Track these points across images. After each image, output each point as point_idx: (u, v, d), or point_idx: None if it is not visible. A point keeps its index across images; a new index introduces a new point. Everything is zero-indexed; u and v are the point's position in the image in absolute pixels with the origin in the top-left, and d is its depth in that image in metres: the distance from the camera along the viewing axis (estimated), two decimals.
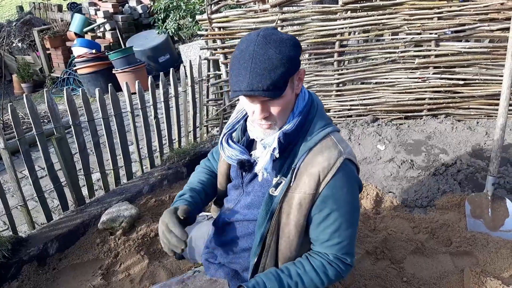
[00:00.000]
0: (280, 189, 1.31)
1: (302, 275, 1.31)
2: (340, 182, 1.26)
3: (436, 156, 2.86)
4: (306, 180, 1.26)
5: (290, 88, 1.23)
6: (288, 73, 1.17)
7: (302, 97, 1.33)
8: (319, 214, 1.29)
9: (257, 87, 1.14)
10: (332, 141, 1.29)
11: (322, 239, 1.32)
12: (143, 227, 2.46)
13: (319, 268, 1.32)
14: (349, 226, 1.30)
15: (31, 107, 2.31)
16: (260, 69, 1.14)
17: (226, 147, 1.43)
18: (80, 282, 2.17)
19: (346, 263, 1.34)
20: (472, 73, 3.06)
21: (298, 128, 1.30)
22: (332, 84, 3.37)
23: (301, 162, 1.28)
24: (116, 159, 2.88)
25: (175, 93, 3.17)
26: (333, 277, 1.33)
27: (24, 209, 2.44)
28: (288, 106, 1.26)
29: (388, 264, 2.17)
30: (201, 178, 1.63)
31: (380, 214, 2.61)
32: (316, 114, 1.34)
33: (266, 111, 1.23)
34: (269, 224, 1.33)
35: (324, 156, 1.26)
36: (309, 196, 1.27)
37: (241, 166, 1.40)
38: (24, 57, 8.81)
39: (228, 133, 1.45)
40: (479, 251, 2.17)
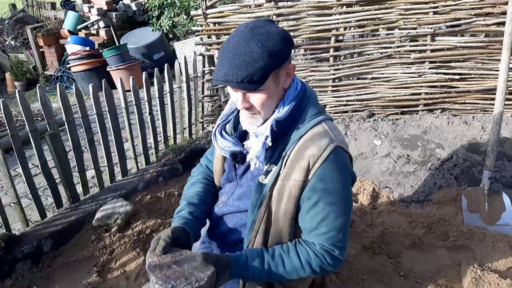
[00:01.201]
0: (270, 176, 1.30)
1: (284, 258, 1.31)
2: (330, 170, 1.24)
3: (433, 151, 2.86)
4: (296, 167, 1.25)
5: (273, 82, 1.22)
6: (269, 68, 1.17)
7: (294, 87, 1.31)
8: (308, 201, 1.27)
9: (232, 78, 1.16)
10: (324, 129, 1.28)
11: (310, 227, 1.30)
12: (138, 223, 2.44)
13: (303, 256, 1.30)
14: (338, 216, 1.27)
15: (24, 103, 2.27)
16: (238, 61, 1.15)
17: (219, 138, 1.42)
18: (75, 279, 2.15)
19: (334, 255, 1.30)
20: (468, 67, 3.06)
21: (291, 116, 1.29)
22: (328, 79, 3.36)
23: (291, 149, 1.27)
24: (110, 156, 2.85)
25: (170, 89, 3.14)
26: (317, 268, 1.30)
27: (18, 207, 2.41)
28: (271, 100, 1.25)
29: (385, 259, 2.16)
30: (197, 189, 1.59)
31: (377, 209, 2.61)
32: (309, 103, 1.33)
33: (246, 102, 1.24)
34: (258, 212, 1.32)
35: (315, 143, 1.25)
36: (299, 183, 1.26)
37: (234, 158, 1.39)
38: (17, 55, 8.73)
39: (222, 125, 1.45)
40: (476, 245, 2.17)
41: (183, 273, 1.16)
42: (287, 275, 1.31)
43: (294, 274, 1.31)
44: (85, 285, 2.09)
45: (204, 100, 3.65)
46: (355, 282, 1.99)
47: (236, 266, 1.27)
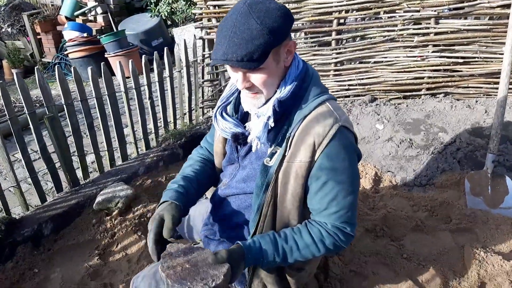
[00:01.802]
0: (275, 159, 1.28)
1: (297, 241, 1.29)
2: (336, 149, 1.22)
3: (435, 134, 2.84)
4: (302, 148, 1.23)
5: (274, 60, 1.19)
6: (269, 45, 1.13)
7: (296, 66, 1.28)
8: (316, 182, 1.26)
9: (231, 57, 1.12)
10: (328, 108, 1.25)
11: (320, 208, 1.29)
12: (139, 207, 2.42)
13: (316, 236, 1.29)
14: (347, 194, 1.26)
15: (22, 86, 2.24)
16: (237, 39, 1.12)
17: (220, 119, 1.39)
18: (76, 262, 2.14)
19: (346, 232, 1.30)
20: (472, 51, 3.02)
21: (293, 95, 1.26)
22: (330, 63, 3.32)
23: (295, 130, 1.25)
24: (110, 140, 2.82)
25: (169, 74, 3.10)
26: (331, 246, 1.30)
27: (17, 191, 2.39)
28: (272, 78, 1.22)
29: (387, 242, 2.15)
30: (194, 166, 1.56)
31: (379, 193, 2.60)
32: (311, 82, 1.30)
33: (246, 81, 1.21)
34: (265, 195, 1.30)
35: (320, 123, 1.22)
36: (305, 164, 1.24)
37: (235, 139, 1.37)
38: (14, 42, 8.64)
39: (223, 106, 1.42)
40: (479, 227, 2.16)
41: (198, 273, 1.13)
42: (301, 257, 1.30)
43: (309, 255, 1.30)
44: (87, 268, 2.08)
45: (204, 85, 3.61)
46: (358, 264, 1.98)
47: (250, 255, 1.25)
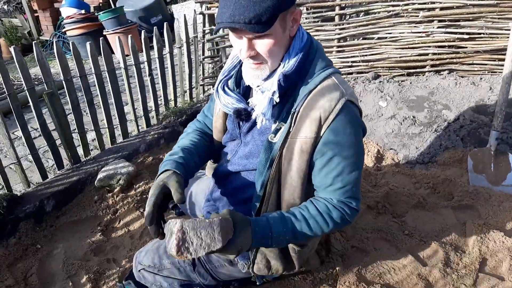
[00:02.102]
0: (280, 135, 1.25)
1: (306, 216, 1.27)
2: (343, 124, 1.20)
3: (439, 112, 2.81)
4: (307, 123, 1.20)
5: (280, 26, 1.15)
6: (277, 8, 1.09)
7: (300, 38, 1.24)
8: (322, 158, 1.24)
9: (239, 19, 1.07)
10: (334, 82, 1.22)
11: (325, 184, 1.27)
12: (141, 184, 2.42)
13: (323, 211, 1.27)
14: (353, 169, 1.25)
15: (21, 61, 2.20)
16: (245, 1, 1.07)
17: (222, 94, 1.35)
18: (79, 238, 2.15)
19: (352, 207, 1.30)
20: (478, 26, 2.96)
21: (298, 69, 1.22)
22: (333, 39, 3.26)
23: (301, 105, 1.22)
24: (111, 117, 2.80)
25: (169, 50, 3.05)
26: (338, 219, 1.28)
27: (18, 168, 2.38)
28: (278, 46, 1.18)
29: (389, 218, 2.15)
30: (192, 139, 1.52)
31: (381, 171, 2.59)
32: (316, 55, 1.26)
33: (251, 48, 1.16)
34: (269, 172, 1.28)
35: (325, 97, 1.19)
36: (311, 140, 1.21)
37: (238, 115, 1.33)
38: (11, 20, 8.50)
39: (224, 80, 1.38)
40: (481, 205, 2.16)
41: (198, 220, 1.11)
42: (311, 232, 1.27)
43: (318, 230, 1.28)
44: (90, 244, 2.09)
45: (204, 61, 3.56)
46: (360, 240, 1.99)
47: (258, 228, 1.20)
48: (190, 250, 1.07)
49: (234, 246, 1.13)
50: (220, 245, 1.08)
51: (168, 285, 1.60)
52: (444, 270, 1.76)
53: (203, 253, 1.07)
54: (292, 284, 1.75)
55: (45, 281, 1.91)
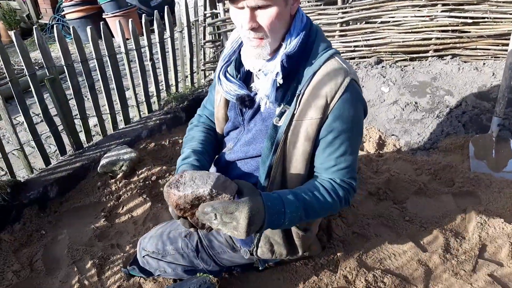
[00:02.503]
0: (285, 118, 1.25)
1: (315, 193, 1.24)
2: (348, 103, 1.21)
3: (441, 98, 2.80)
4: (313, 105, 1.20)
5: (283, 0, 1.14)
6: None
7: (300, 19, 1.23)
8: (326, 137, 1.24)
9: None
10: (338, 62, 1.23)
11: (328, 165, 1.28)
12: (144, 170, 2.43)
13: (330, 189, 1.27)
14: (354, 150, 1.28)
15: (21, 46, 2.18)
16: None
17: (224, 81, 1.34)
18: (83, 224, 2.17)
19: (353, 187, 1.32)
20: (482, 11, 2.92)
21: (301, 50, 1.22)
22: (335, 23, 3.22)
23: (305, 87, 1.21)
24: (112, 103, 2.79)
25: (170, 34, 3.02)
26: (343, 197, 1.29)
27: (21, 154, 2.39)
28: (279, 20, 1.16)
29: (390, 204, 2.17)
30: (200, 138, 1.51)
31: (383, 157, 2.59)
32: (317, 36, 1.26)
33: (253, 20, 1.14)
34: (275, 156, 1.27)
35: (331, 78, 1.19)
36: (316, 121, 1.21)
37: (241, 102, 1.32)
38: (9, 3, 8.38)
39: (225, 66, 1.37)
40: (482, 191, 2.17)
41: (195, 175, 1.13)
42: (321, 209, 1.25)
43: (327, 207, 1.26)
44: (94, 229, 2.11)
45: (206, 46, 3.53)
46: (361, 226, 2.01)
47: (270, 202, 1.14)
48: (179, 187, 1.09)
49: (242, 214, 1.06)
50: (208, 187, 1.06)
51: (172, 270, 1.63)
52: (444, 256, 1.79)
53: (189, 191, 1.07)
54: (294, 269, 1.77)
55: (51, 266, 1.93)
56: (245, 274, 1.77)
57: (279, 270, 1.77)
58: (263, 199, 1.13)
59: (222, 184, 1.10)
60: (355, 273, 1.72)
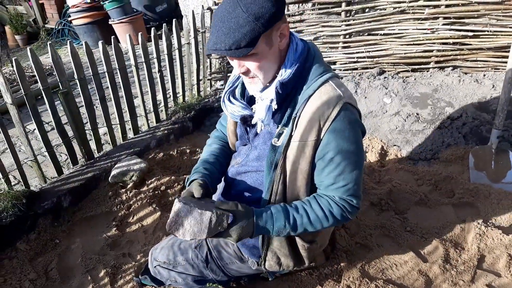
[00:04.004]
0: (283, 138, 1.34)
1: (307, 210, 1.37)
2: (341, 126, 1.28)
3: (442, 109, 2.87)
4: (308, 127, 1.29)
5: (266, 45, 1.22)
6: (257, 32, 1.16)
7: (293, 49, 1.31)
8: (323, 159, 1.32)
9: (220, 46, 1.17)
10: (331, 87, 1.30)
11: (327, 183, 1.36)
12: (153, 180, 2.50)
13: (324, 206, 1.37)
14: (353, 168, 1.33)
15: (36, 61, 2.26)
16: (226, 28, 1.16)
17: (228, 104, 1.45)
18: (95, 233, 2.25)
19: (352, 205, 1.39)
20: (482, 24, 2.98)
21: (295, 77, 1.30)
22: (339, 35, 3.29)
23: (301, 110, 1.30)
24: (122, 113, 2.87)
25: (178, 45, 3.10)
26: (339, 216, 1.38)
27: (35, 164, 2.47)
28: (266, 62, 1.25)
29: (392, 215, 2.23)
30: (213, 150, 1.66)
31: (385, 167, 2.66)
32: (314, 62, 1.33)
33: (241, 66, 1.26)
34: (274, 173, 1.37)
35: (324, 102, 1.27)
36: (311, 142, 1.30)
37: (244, 122, 1.44)
38: (15, 7, 8.48)
39: (230, 91, 1.47)
40: (481, 202, 2.23)
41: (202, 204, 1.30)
42: (311, 226, 1.38)
43: (318, 225, 1.38)
44: (106, 238, 2.19)
45: (212, 56, 3.60)
46: (363, 236, 2.07)
47: (261, 218, 1.34)
48: (179, 232, 1.27)
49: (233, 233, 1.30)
50: (204, 236, 1.26)
51: (182, 280, 1.71)
52: (443, 266, 1.85)
53: (188, 238, 1.27)
54: (299, 279, 1.84)
55: (65, 274, 2.01)
56: (252, 284, 1.84)
57: (285, 280, 1.84)
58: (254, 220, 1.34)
59: (215, 226, 1.27)
60: (358, 283, 1.78)
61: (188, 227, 1.26)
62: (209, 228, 1.26)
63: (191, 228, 1.26)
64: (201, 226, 1.26)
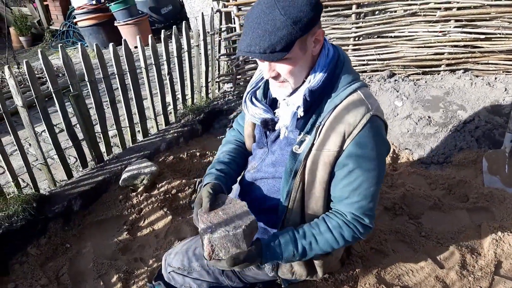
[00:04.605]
0: (304, 146, 1.29)
1: (316, 236, 1.33)
2: (366, 139, 1.23)
3: (454, 112, 2.84)
4: (332, 137, 1.24)
5: (300, 50, 1.18)
6: (293, 36, 1.12)
7: (325, 54, 1.27)
8: (342, 170, 1.28)
9: (255, 49, 1.13)
10: (359, 97, 1.25)
11: (342, 196, 1.32)
12: (164, 184, 2.48)
13: (334, 229, 1.32)
14: (371, 185, 1.28)
15: (47, 63, 2.25)
16: (261, 31, 1.11)
17: (250, 105, 1.40)
18: (106, 237, 2.23)
19: (364, 224, 1.33)
20: (494, 26, 2.96)
21: (325, 84, 1.26)
22: (349, 38, 3.27)
23: (326, 119, 1.25)
24: (131, 116, 2.85)
25: (187, 47, 3.08)
26: (349, 238, 1.33)
27: (45, 167, 2.45)
28: (298, 68, 1.21)
29: (406, 220, 2.21)
30: (228, 150, 1.62)
31: (397, 171, 2.64)
32: (343, 70, 1.28)
33: (272, 71, 1.21)
34: (293, 182, 1.33)
35: (351, 112, 1.22)
36: (334, 153, 1.25)
37: (264, 125, 1.39)
38: (20, 9, 8.50)
39: (252, 91, 1.43)
40: (496, 207, 2.20)
41: (225, 219, 1.26)
42: (321, 250, 1.35)
43: (328, 249, 1.35)
44: (117, 243, 2.16)
45: (221, 59, 3.58)
46: (378, 241, 2.05)
47: (269, 252, 1.31)
48: (220, 256, 1.24)
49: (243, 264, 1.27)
50: (245, 249, 1.24)
51: (197, 286, 1.67)
52: (460, 273, 1.82)
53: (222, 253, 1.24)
54: (314, 285, 1.82)
55: (76, 280, 1.99)
56: None
57: (300, 286, 1.82)
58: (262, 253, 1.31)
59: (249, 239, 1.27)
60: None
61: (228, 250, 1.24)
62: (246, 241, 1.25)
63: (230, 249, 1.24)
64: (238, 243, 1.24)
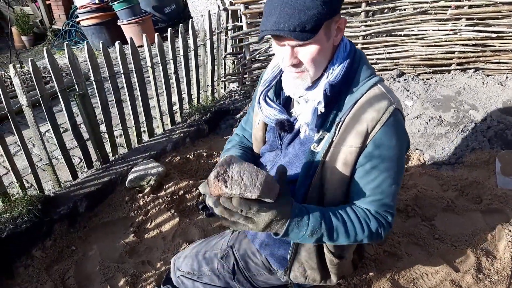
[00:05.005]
0: (323, 144, 1.24)
1: (345, 218, 1.24)
2: (389, 133, 1.18)
3: (466, 112, 2.79)
4: (353, 133, 1.19)
5: (325, 35, 1.13)
6: (323, 16, 1.07)
7: (344, 48, 1.22)
8: (363, 167, 1.22)
9: (283, 26, 1.06)
10: (381, 91, 1.20)
11: (363, 194, 1.26)
12: (170, 185, 2.44)
13: (362, 217, 1.26)
14: (392, 182, 1.23)
15: (53, 63, 2.21)
16: (290, 9, 1.06)
17: (264, 106, 1.34)
18: (112, 239, 2.18)
19: (387, 221, 1.29)
20: (506, 25, 2.91)
21: (344, 78, 1.21)
22: (358, 36, 3.22)
23: (346, 115, 1.20)
24: (137, 116, 2.81)
25: (194, 46, 3.04)
26: (374, 229, 1.26)
27: (50, 168, 2.41)
28: (321, 55, 1.16)
29: (419, 222, 2.16)
30: (234, 153, 1.54)
31: (408, 172, 2.59)
32: (361, 64, 1.24)
33: (294, 57, 1.15)
34: (311, 180, 1.27)
35: (373, 107, 1.18)
36: (356, 149, 1.20)
37: (281, 127, 1.31)
38: (22, 8, 8.47)
39: (265, 91, 1.37)
40: (511, 208, 2.15)
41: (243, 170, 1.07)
42: (346, 235, 1.25)
43: (352, 235, 1.25)
44: (124, 245, 2.12)
45: (227, 58, 3.54)
46: (391, 244, 2.00)
47: (298, 210, 1.17)
48: (227, 182, 1.03)
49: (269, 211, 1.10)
50: (256, 193, 1.03)
51: None
52: (476, 276, 1.77)
53: (237, 191, 1.03)
54: None
55: (83, 283, 1.95)
56: None
57: None
58: (292, 206, 1.16)
59: (268, 187, 1.06)
60: None
61: (239, 179, 1.03)
62: (263, 186, 1.04)
63: (243, 180, 1.03)
64: (255, 182, 1.04)
